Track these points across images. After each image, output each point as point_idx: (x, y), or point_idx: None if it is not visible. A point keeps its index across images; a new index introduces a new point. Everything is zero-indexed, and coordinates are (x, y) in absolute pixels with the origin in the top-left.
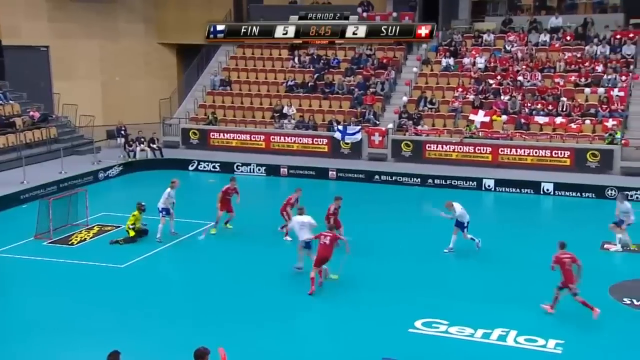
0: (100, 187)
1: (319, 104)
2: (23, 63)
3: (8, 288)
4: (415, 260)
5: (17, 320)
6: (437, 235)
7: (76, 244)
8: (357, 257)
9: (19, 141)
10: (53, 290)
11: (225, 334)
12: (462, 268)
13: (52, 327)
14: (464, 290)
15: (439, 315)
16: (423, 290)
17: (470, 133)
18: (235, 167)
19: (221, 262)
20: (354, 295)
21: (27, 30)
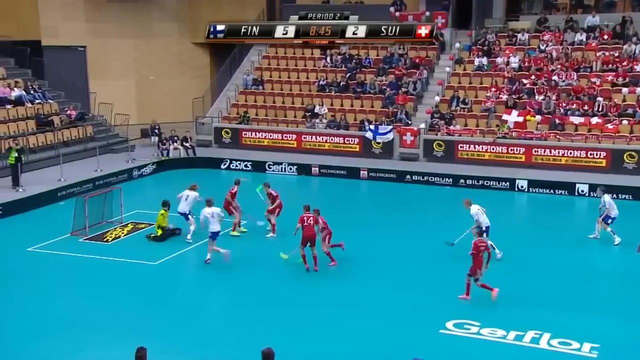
0: (134, 185)
1: (351, 104)
2: (61, 63)
3: (45, 284)
4: (446, 261)
5: (53, 315)
6: (468, 237)
7: (111, 241)
8: (389, 258)
9: (56, 139)
10: (88, 286)
11: (256, 332)
12: (493, 269)
13: (86, 322)
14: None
15: (471, 316)
16: (454, 291)
17: (503, 133)
18: (267, 166)
19: (253, 260)
20: (386, 295)
21: (65, 30)
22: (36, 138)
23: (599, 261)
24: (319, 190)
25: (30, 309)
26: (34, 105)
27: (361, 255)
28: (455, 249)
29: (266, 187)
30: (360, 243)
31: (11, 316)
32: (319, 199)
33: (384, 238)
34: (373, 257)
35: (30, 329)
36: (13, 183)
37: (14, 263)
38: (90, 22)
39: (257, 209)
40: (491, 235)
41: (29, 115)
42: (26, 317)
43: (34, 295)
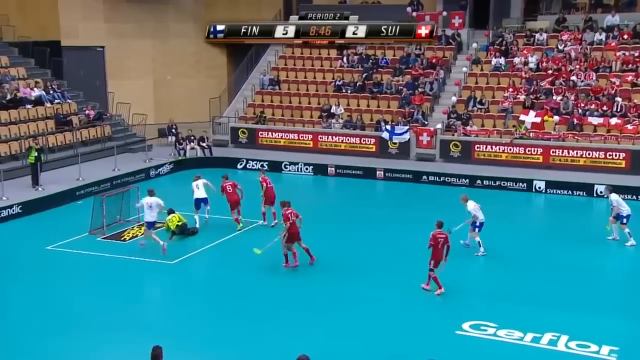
0: (151, 185)
1: (367, 104)
2: (80, 63)
3: (63, 282)
4: (462, 261)
5: (71, 313)
6: (484, 237)
7: (128, 240)
8: (405, 258)
9: (75, 139)
10: (106, 284)
11: (271, 331)
12: (510, 270)
13: (104, 320)
14: (512, 292)
15: (487, 317)
16: (471, 291)
17: (521, 134)
18: (283, 166)
19: (272, 258)
20: (401, 295)
21: (84, 31)
22: (55, 137)
23: (617, 263)
24: (335, 190)
25: (49, 306)
26: (53, 105)
27: (377, 255)
28: (471, 249)
29: (261, 174)
30: (376, 243)
31: (30, 313)
32: (335, 199)
33: (400, 238)
34: (389, 258)
35: (48, 326)
36: (33, 182)
37: (34, 261)
38: (109, 23)
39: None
40: (507, 235)
41: (49, 115)
42: (45, 314)
43: (53, 293)
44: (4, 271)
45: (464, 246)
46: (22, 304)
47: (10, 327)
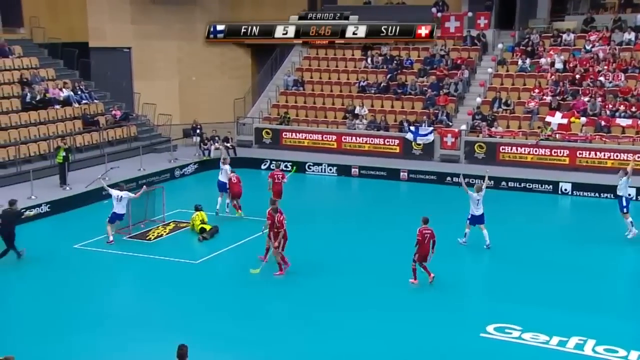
0: (176, 185)
1: (391, 105)
2: (107, 64)
3: (90, 280)
4: (486, 262)
5: (99, 310)
6: (509, 238)
7: (153, 239)
8: None
9: (102, 139)
10: (132, 283)
11: (297, 331)
12: (535, 272)
13: (130, 318)
14: (537, 295)
15: (512, 320)
16: (495, 294)
17: (547, 135)
18: (307, 166)
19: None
20: (425, 296)
21: (111, 32)
22: (82, 137)
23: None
24: (359, 191)
25: (77, 303)
26: (81, 105)
27: (400, 256)
28: (495, 250)
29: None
30: (399, 244)
31: (59, 310)
32: (358, 200)
33: None
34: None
35: (76, 323)
36: (60, 181)
37: (62, 259)
38: (136, 24)
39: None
40: (532, 237)
41: (76, 116)
42: (73, 311)
43: (80, 290)
44: (34, 268)
45: (461, 244)
46: (51, 301)
47: (39, 323)
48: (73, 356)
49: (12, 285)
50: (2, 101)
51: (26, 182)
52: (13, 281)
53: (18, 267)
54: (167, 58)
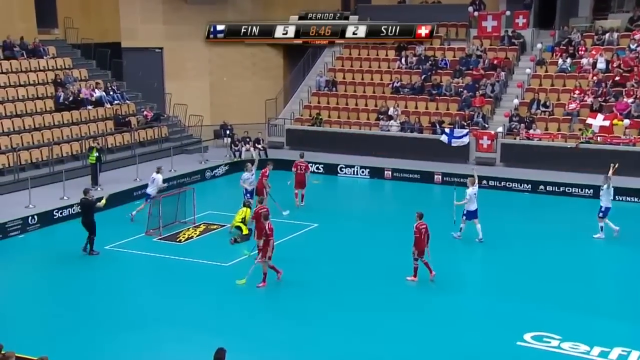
0: (207, 186)
1: (426, 106)
2: (139, 64)
3: (120, 282)
4: (524, 267)
5: (133, 311)
6: (546, 242)
7: (184, 241)
8: (463, 265)
9: (133, 139)
10: (164, 284)
11: (328, 333)
12: (574, 279)
13: (166, 318)
14: (577, 302)
15: (551, 328)
16: (533, 300)
17: (587, 138)
18: (339, 168)
19: (326, 262)
20: (461, 302)
21: (143, 32)
22: (114, 138)
23: None
24: (392, 194)
25: (110, 304)
26: (112, 106)
27: (436, 261)
28: (535, 256)
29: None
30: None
31: (93, 310)
32: (391, 203)
33: (458, 244)
34: (448, 263)
35: (110, 322)
36: (92, 182)
37: (94, 260)
38: (168, 24)
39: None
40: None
41: (108, 116)
42: (105, 311)
43: (113, 291)
44: (67, 269)
45: (456, 238)
46: (83, 302)
47: (72, 324)
48: (107, 356)
49: (44, 285)
50: (36, 101)
51: (59, 182)
52: (44, 281)
53: (50, 267)
54: (199, 58)
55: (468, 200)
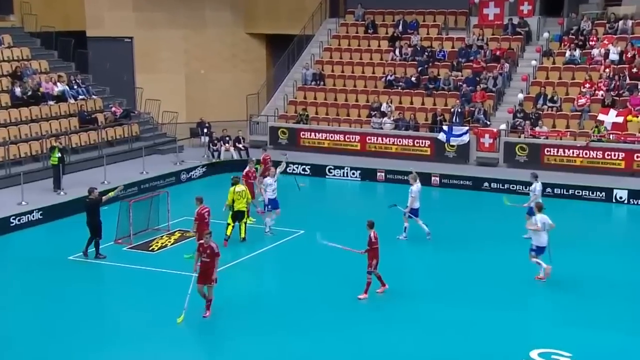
0: (183, 189)
1: (422, 101)
2: (106, 55)
3: (86, 296)
4: (529, 279)
5: (92, 329)
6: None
7: (157, 250)
8: (464, 275)
9: (100, 139)
10: (132, 299)
11: (322, 348)
12: (584, 291)
13: (132, 337)
14: (588, 316)
15: (560, 345)
16: (540, 314)
17: (599, 136)
18: (327, 170)
19: (313, 271)
20: (463, 316)
21: (111, 20)
22: (79, 137)
23: None
24: (385, 197)
25: (73, 321)
26: (77, 101)
27: (433, 271)
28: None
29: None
30: (431, 258)
31: (53, 327)
32: (383, 208)
33: (457, 252)
34: (447, 274)
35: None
36: (54, 185)
37: (55, 273)
38: (138, 12)
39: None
40: (582, 251)
41: (72, 113)
42: (69, 329)
43: (76, 306)
44: (24, 282)
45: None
46: (45, 319)
47: (32, 342)
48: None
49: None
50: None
51: (16, 186)
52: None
53: (7, 281)
54: (173, 49)
55: (414, 198)
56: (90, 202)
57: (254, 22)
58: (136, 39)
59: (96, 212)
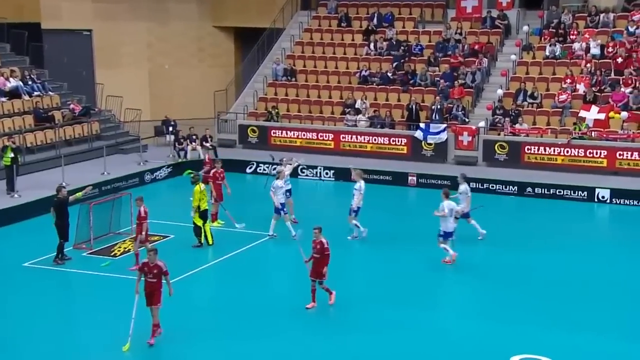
0: (147, 191)
1: (398, 98)
2: (64, 49)
3: (43, 305)
4: (510, 282)
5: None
6: (534, 253)
7: (119, 255)
8: (442, 278)
9: (57, 137)
10: (95, 308)
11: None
12: (564, 294)
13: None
14: (568, 320)
15: (541, 350)
16: (520, 318)
17: (581, 133)
18: (300, 170)
19: (283, 276)
20: (443, 322)
21: (68, 11)
22: (34, 136)
23: None
24: None
25: (31, 332)
26: (32, 98)
27: (410, 275)
28: (523, 269)
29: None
30: (407, 261)
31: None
32: None
33: (435, 255)
34: (424, 278)
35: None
36: (8, 187)
37: (9, 281)
38: (98, 2)
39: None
40: (563, 253)
41: (27, 110)
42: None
43: (33, 316)
44: None
45: (352, 239)
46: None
47: None
48: None
49: None
50: None
51: None
52: None
53: None
54: (135, 43)
55: (358, 196)
56: (58, 201)
57: (222, 14)
58: (95, 31)
59: (64, 213)
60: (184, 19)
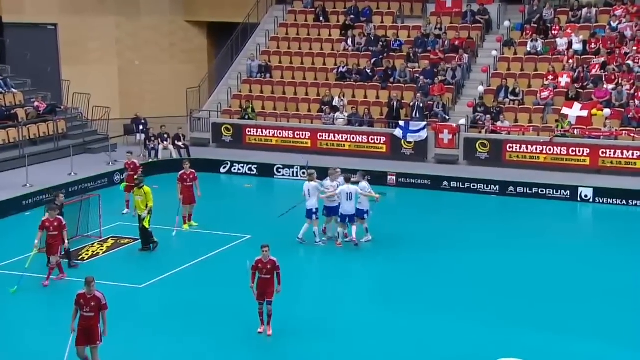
0: (116, 192)
1: (376, 95)
2: (27, 44)
3: (7, 313)
4: (491, 286)
5: (19, 350)
6: (517, 254)
7: (87, 259)
8: (424, 280)
9: (21, 137)
10: (61, 315)
11: None
12: (550, 295)
13: None
14: (556, 322)
15: (526, 354)
16: (505, 321)
17: (563, 131)
18: (275, 169)
19: None
20: (426, 325)
21: (32, 4)
22: None
23: None
24: None
25: None
26: None
27: (389, 276)
28: (505, 270)
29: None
30: (388, 263)
31: None
32: None
33: (416, 257)
34: (403, 279)
35: None
36: None
37: None
38: None
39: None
40: (546, 253)
41: None
42: None
43: None
44: None
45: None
46: None
47: None
48: None
49: None
50: None
51: None
52: None
53: None
54: (103, 38)
55: (311, 196)
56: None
57: (194, 8)
58: (61, 25)
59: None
60: (154, 13)
